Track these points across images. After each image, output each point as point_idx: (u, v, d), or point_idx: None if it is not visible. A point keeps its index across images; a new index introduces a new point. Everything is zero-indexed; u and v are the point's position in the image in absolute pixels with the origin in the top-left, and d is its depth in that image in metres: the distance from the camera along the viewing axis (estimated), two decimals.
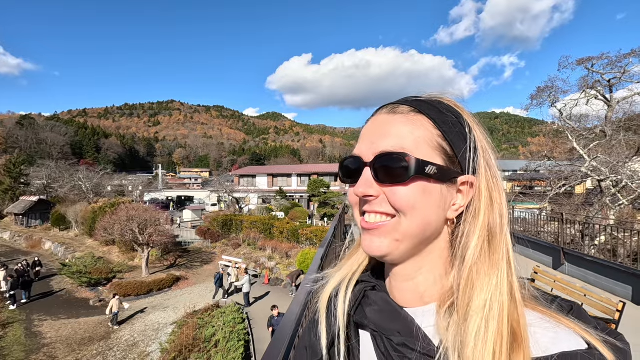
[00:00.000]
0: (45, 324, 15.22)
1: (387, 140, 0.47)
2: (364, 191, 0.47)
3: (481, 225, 0.44)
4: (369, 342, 0.50)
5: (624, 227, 9.67)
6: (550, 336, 0.41)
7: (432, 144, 0.46)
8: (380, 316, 0.49)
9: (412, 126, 0.47)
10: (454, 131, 0.47)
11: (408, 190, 0.45)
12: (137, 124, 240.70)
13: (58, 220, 34.63)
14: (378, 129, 0.49)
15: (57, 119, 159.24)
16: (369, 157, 0.47)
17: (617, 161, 13.39)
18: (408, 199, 0.45)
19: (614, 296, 5.16)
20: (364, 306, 0.52)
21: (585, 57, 18.33)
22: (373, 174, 0.47)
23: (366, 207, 0.48)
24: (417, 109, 0.48)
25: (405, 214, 0.45)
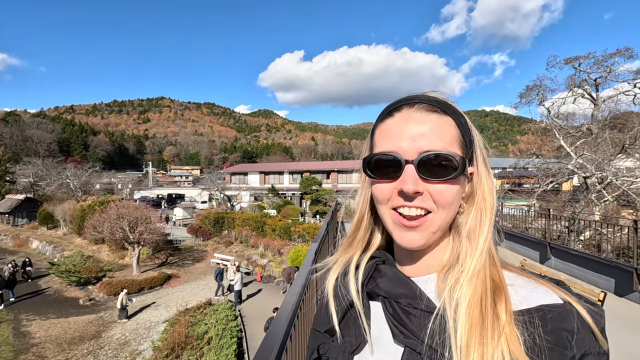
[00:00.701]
0: (33, 323, 15.01)
1: (428, 139, 0.51)
2: (415, 188, 0.50)
3: (479, 206, 0.53)
4: (379, 310, 0.57)
5: (609, 223, 9.91)
6: (528, 288, 0.49)
7: (459, 142, 0.53)
8: (390, 284, 0.55)
9: (445, 126, 0.52)
10: (467, 131, 0.54)
11: (454, 187, 0.51)
12: (126, 121, 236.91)
13: (45, 218, 34.05)
14: (413, 126, 0.52)
15: (44, 116, 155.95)
16: (412, 155, 0.51)
17: (603, 158, 13.70)
18: (452, 196, 0.51)
19: (596, 287, 5.34)
20: (375, 278, 0.58)
21: (573, 57, 18.69)
22: (418, 171, 0.50)
23: (408, 203, 0.51)
24: (442, 109, 0.53)
25: (444, 209, 0.51)
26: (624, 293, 5.44)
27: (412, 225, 0.52)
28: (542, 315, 0.45)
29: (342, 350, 0.57)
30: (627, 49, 17.14)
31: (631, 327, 4.43)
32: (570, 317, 0.45)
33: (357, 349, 0.56)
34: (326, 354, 0.59)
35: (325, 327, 0.60)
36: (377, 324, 0.56)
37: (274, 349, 1.28)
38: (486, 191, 0.54)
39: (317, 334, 0.62)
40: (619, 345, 3.90)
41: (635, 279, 5.22)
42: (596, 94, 18.71)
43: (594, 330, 0.45)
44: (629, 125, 14.99)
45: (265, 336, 1.40)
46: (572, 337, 0.43)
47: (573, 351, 0.43)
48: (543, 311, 0.45)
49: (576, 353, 0.43)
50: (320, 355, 0.59)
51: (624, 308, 5.07)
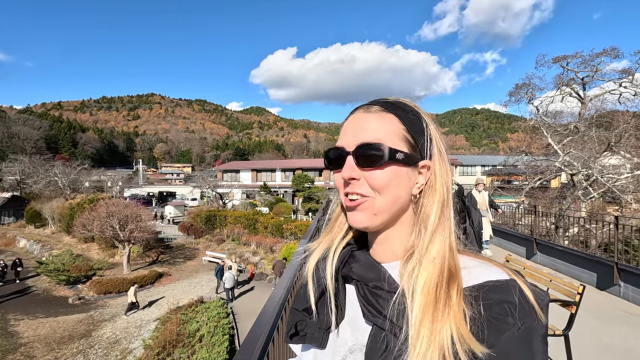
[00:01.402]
0: (21, 323, 14.81)
1: (365, 133, 0.58)
2: (349, 174, 0.58)
3: (437, 198, 0.58)
4: (352, 293, 0.63)
5: (595, 219, 10.15)
6: (480, 270, 0.54)
7: (399, 136, 0.58)
8: (362, 269, 0.62)
9: (384, 122, 0.59)
10: (415, 126, 0.59)
11: (383, 173, 0.57)
12: (115, 118, 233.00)
13: (33, 217, 33.49)
14: (357, 124, 0.60)
15: (30, 112, 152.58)
16: (351, 147, 0.59)
17: (589, 156, 13.99)
18: (382, 180, 0.57)
19: (576, 281, 5.49)
20: (350, 263, 0.64)
21: (561, 56, 18.99)
22: (355, 160, 0.58)
23: (348, 189, 0.59)
24: (386, 108, 0.60)
25: (380, 193, 0.57)
26: (605, 287, 5.61)
27: (352, 206, 0.60)
28: (487, 290, 0.50)
29: (318, 326, 0.64)
30: (613, 48, 17.47)
31: (611, 320, 4.57)
32: (512, 291, 0.49)
33: (330, 327, 0.63)
34: (304, 329, 0.65)
35: (304, 306, 0.66)
36: (351, 305, 0.62)
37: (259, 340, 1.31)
38: (437, 182, 0.59)
39: (296, 312, 0.68)
40: (598, 336, 4.03)
41: (615, 273, 5.37)
42: (583, 92, 19.05)
43: (534, 305, 0.49)
44: (614, 124, 15.31)
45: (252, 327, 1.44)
46: (514, 308, 0.48)
47: (516, 320, 0.47)
48: (488, 286, 0.51)
49: (517, 322, 0.47)
50: (297, 331, 0.66)
51: (604, 301, 5.23)
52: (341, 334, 0.62)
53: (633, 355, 3.67)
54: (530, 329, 0.48)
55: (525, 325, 0.48)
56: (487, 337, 0.47)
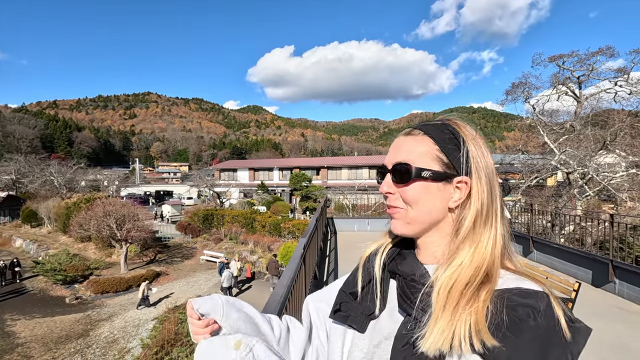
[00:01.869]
0: (18, 323, 14.74)
1: (400, 155, 0.67)
2: (387, 190, 0.68)
3: (472, 213, 0.62)
4: (394, 287, 0.71)
5: (590, 217, 10.24)
6: (517, 281, 0.58)
7: (432, 155, 0.65)
8: (406, 266, 0.70)
9: (418, 143, 0.66)
10: (450, 145, 0.65)
11: (411, 189, 0.65)
12: (112, 117, 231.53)
13: (29, 216, 33.29)
14: (397, 146, 0.70)
15: (26, 111, 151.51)
16: (390, 165, 0.68)
17: (584, 155, 14.09)
18: (412, 195, 0.65)
19: (571, 278, 5.55)
20: (397, 260, 0.72)
21: (557, 55, 19.11)
22: (392, 177, 0.67)
23: (387, 201, 0.69)
24: (423, 131, 0.68)
25: (411, 206, 0.66)
26: (600, 284, 5.67)
27: (390, 214, 0.69)
28: (515, 293, 0.54)
29: (361, 311, 0.71)
30: (608, 47, 17.60)
31: (606, 316, 4.64)
32: (540, 299, 0.52)
33: (373, 314, 0.70)
34: (348, 311, 0.72)
35: (351, 290, 0.74)
36: (392, 298, 0.70)
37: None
38: (473, 196, 0.63)
39: (343, 293, 0.76)
40: (594, 333, 4.06)
41: (611, 270, 5.44)
42: (579, 91, 19.17)
43: (560, 319, 0.51)
44: (609, 123, 15.42)
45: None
46: (537, 314, 0.50)
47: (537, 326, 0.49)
48: (517, 290, 0.54)
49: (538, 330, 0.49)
50: (341, 309, 0.73)
51: (600, 298, 5.30)
52: (380, 323, 0.69)
53: (628, 351, 3.73)
54: (549, 339, 0.49)
55: (545, 335, 0.49)
56: (504, 334, 0.49)
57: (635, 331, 4.19)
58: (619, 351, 3.72)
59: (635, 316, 4.66)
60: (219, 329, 0.68)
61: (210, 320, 0.67)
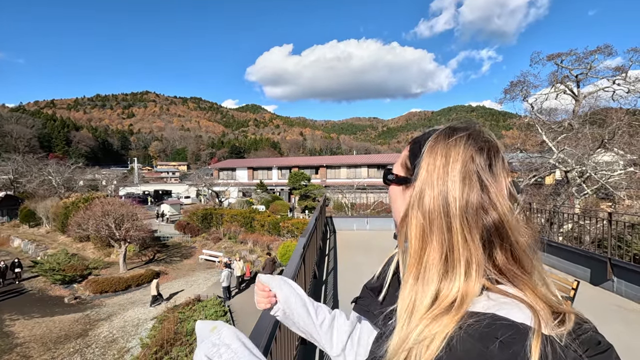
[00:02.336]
0: (17, 323, 14.72)
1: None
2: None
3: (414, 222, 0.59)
4: None
5: (588, 215, 10.26)
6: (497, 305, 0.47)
7: (402, 163, 0.68)
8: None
9: (402, 155, 0.70)
10: (414, 151, 0.65)
11: (389, 191, 0.70)
12: (110, 116, 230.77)
13: (27, 216, 33.20)
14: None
15: (23, 110, 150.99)
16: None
17: (583, 153, 14.13)
18: (389, 197, 0.70)
19: (570, 276, 5.57)
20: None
21: (555, 53, 19.14)
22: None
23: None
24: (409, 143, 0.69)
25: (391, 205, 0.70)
26: (598, 282, 5.70)
27: None
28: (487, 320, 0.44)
29: (380, 309, 0.67)
30: (606, 46, 17.63)
31: (604, 314, 4.66)
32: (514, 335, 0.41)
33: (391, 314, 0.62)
34: (368, 306, 0.73)
35: (372, 286, 0.75)
36: None
37: (263, 338, 1.34)
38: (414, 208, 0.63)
39: (365, 288, 0.77)
40: None
41: (609, 268, 5.46)
42: (577, 90, 19.21)
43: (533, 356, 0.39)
44: (607, 121, 15.45)
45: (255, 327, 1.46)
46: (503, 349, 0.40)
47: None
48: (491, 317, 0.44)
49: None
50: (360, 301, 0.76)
51: (598, 296, 5.32)
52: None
53: (626, 350, 3.74)
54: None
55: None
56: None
57: (634, 329, 4.21)
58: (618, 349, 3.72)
59: (633, 314, 4.68)
60: (276, 302, 0.85)
61: (271, 293, 0.84)
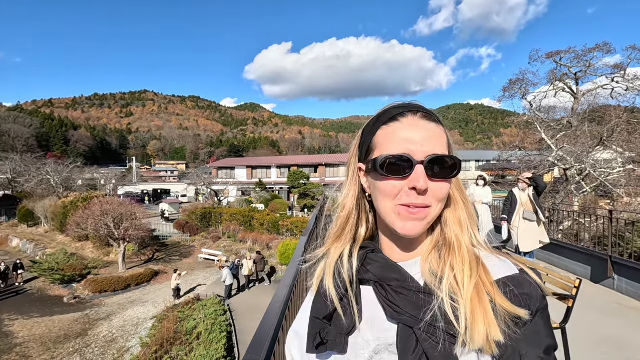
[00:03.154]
0: (16, 323, 14.70)
1: (434, 143, 0.59)
2: (426, 185, 0.57)
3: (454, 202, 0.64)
4: (369, 294, 0.64)
5: (587, 213, 10.27)
6: (494, 262, 0.61)
7: (448, 148, 0.62)
8: (381, 270, 0.62)
9: (442, 134, 0.61)
10: (449, 138, 0.63)
11: (448, 185, 0.60)
12: (108, 115, 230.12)
13: (25, 216, 33.12)
14: (422, 132, 0.60)
15: (21, 110, 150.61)
16: (420, 156, 0.58)
17: (582, 151, 14.13)
18: (447, 192, 0.60)
19: (572, 275, 5.57)
20: (366, 266, 0.64)
21: (554, 51, 19.11)
22: (425, 171, 0.57)
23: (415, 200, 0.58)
24: (436, 119, 0.62)
25: (440, 203, 0.60)
26: (599, 280, 5.70)
27: (415, 215, 0.58)
28: (509, 284, 0.57)
29: (338, 332, 0.63)
30: (605, 44, 17.62)
31: (604, 312, 4.66)
32: (525, 283, 0.58)
33: (352, 331, 0.63)
34: (326, 337, 0.64)
35: (324, 314, 0.65)
36: (369, 307, 0.63)
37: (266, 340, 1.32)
38: (457, 189, 0.65)
39: (316, 320, 0.66)
40: (594, 328, 4.10)
41: (609, 266, 5.46)
42: (576, 87, 19.22)
43: (542, 288, 0.58)
44: (606, 119, 15.46)
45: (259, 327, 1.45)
46: (529, 299, 0.56)
47: (533, 308, 0.56)
48: (509, 281, 0.58)
49: (533, 309, 0.55)
50: (322, 339, 0.65)
51: (598, 294, 5.32)
52: (361, 336, 0.62)
53: (627, 347, 3.74)
54: (544, 312, 0.57)
55: (540, 310, 0.57)
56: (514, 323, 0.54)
57: (634, 326, 4.21)
58: (619, 346, 3.73)
59: (634, 312, 4.69)
60: None
61: None
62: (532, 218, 5.52)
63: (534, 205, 5.61)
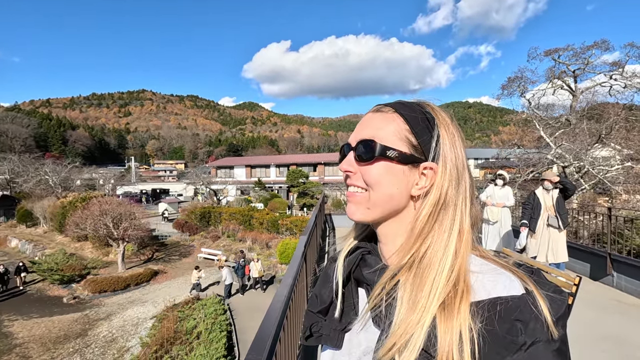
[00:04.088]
0: (15, 323, 14.67)
1: (365, 131, 0.61)
2: (346, 167, 0.62)
3: (429, 202, 0.57)
4: (364, 296, 0.64)
5: (586, 210, 10.28)
6: (492, 278, 0.53)
7: (400, 135, 0.59)
8: (371, 273, 0.61)
9: (387, 122, 0.60)
10: (420, 126, 0.59)
11: (374, 168, 0.59)
12: (106, 115, 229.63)
13: (24, 216, 33.05)
14: (364, 123, 0.63)
15: (18, 110, 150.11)
16: (354, 143, 0.62)
17: (580, 148, 14.15)
18: (374, 175, 0.59)
19: (572, 272, 5.58)
20: (361, 266, 0.64)
21: (552, 49, 19.13)
22: (354, 155, 0.61)
23: (348, 181, 0.63)
24: (395, 109, 0.61)
25: (372, 188, 0.59)
26: (598, 277, 5.71)
27: (350, 198, 0.63)
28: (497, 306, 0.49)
29: (333, 327, 0.65)
30: (603, 41, 17.65)
31: (604, 309, 4.68)
32: (524, 308, 0.48)
33: (346, 328, 0.64)
34: (319, 331, 0.66)
35: (318, 308, 0.67)
36: (362, 307, 0.63)
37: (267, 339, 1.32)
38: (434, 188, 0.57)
39: (310, 314, 0.69)
40: (593, 326, 4.12)
41: (609, 263, 5.48)
42: (575, 85, 19.24)
43: (547, 319, 0.47)
44: (605, 116, 15.49)
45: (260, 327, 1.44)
46: (524, 327, 0.47)
47: (524, 339, 0.46)
48: (499, 303, 0.49)
49: (527, 340, 0.46)
50: (312, 333, 0.67)
51: (598, 291, 5.34)
52: (356, 336, 0.62)
53: (627, 344, 3.76)
54: (539, 347, 0.47)
55: (536, 344, 0.47)
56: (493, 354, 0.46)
57: (634, 324, 4.23)
58: (619, 343, 3.75)
59: (633, 309, 4.70)
60: None
61: None
62: (557, 225, 5.03)
63: (555, 209, 5.08)
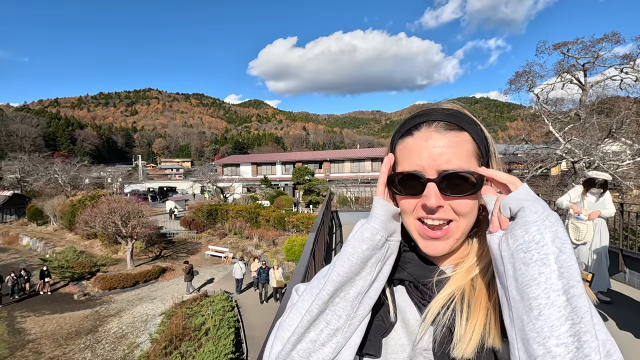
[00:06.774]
0: (28, 320, 14.94)
1: (449, 159, 0.54)
2: (437, 203, 0.54)
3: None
4: (402, 293, 0.62)
5: None
6: None
7: (475, 156, 0.56)
8: (416, 268, 0.61)
9: (464, 143, 0.56)
10: (482, 140, 0.58)
11: (472, 199, 0.55)
12: (113, 114, 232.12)
13: (35, 214, 33.54)
14: (434, 147, 0.55)
15: (28, 110, 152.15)
16: (432, 174, 0.55)
17: (590, 143, 13.95)
18: (471, 206, 0.56)
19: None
20: (401, 265, 0.62)
21: (561, 42, 18.85)
22: (440, 188, 0.54)
23: (432, 215, 0.56)
24: (458, 125, 0.56)
25: (464, 217, 0.56)
26: (610, 273, 5.61)
27: (436, 236, 0.57)
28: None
29: (374, 333, 0.60)
30: (614, 34, 17.33)
31: (616, 306, 4.61)
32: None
33: (387, 332, 0.60)
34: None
35: (383, 330, 0.62)
36: (400, 308, 0.61)
37: None
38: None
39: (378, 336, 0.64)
40: (605, 322, 4.06)
41: (621, 259, 5.40)
42: (584, 79, 18.95)
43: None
44: (615, 110, 15.23)
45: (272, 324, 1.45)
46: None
47: None
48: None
49: None
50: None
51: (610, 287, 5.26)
52: (395, 338, 0.60)
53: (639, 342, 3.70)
54: None
55: None
56: None
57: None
58: (631, 341, 3.70)
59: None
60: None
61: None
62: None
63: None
